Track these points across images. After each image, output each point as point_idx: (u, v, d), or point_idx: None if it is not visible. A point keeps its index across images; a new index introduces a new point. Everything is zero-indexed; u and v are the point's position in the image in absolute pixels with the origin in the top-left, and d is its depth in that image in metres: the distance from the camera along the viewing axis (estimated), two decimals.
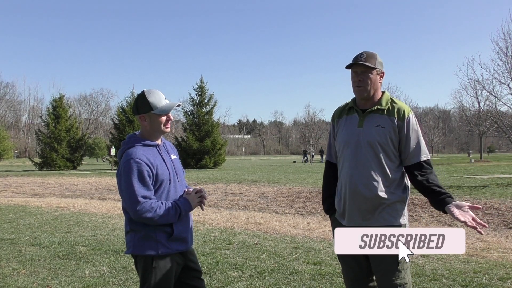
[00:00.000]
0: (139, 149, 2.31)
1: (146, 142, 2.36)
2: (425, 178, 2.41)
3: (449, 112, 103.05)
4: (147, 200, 2.23)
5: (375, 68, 2.45)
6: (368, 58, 2.45)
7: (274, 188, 15.13)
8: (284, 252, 5.52)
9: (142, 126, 2.42)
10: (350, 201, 2.47)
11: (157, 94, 2.38)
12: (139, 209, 2.20)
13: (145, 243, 2.30)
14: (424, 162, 2.44)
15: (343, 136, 2.56)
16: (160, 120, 2.37)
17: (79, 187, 17.10)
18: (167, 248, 2.32)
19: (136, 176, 2.22)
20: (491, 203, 10.39)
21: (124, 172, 2.24)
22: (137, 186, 2.21)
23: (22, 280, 4.38)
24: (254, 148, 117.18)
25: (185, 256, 2.46)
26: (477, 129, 42.51)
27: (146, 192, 2.24)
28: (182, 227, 2.39)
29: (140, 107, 2.36)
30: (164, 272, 2.31)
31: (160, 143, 2.46)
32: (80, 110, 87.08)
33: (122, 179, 2.26)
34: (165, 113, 2.36)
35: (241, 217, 8.64)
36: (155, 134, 2.41)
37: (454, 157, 63.19)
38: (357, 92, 2.50)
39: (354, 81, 2.49)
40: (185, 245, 2.42)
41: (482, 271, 4.52)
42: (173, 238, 2.33)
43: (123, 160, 2.29)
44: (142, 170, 2.23)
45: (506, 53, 17.43)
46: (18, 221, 8.25)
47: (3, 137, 51.89)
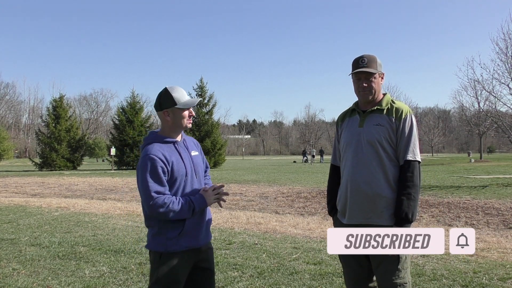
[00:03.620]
0: (156, 145, 2.37)
1: (165, 139, 2.41)
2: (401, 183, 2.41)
3: (449, 112, 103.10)
4: (160, 195, 2.27)
5: (377, 72, 2.51)
6: (369, 62, 2.50)
7: (274, 188, 15.13)
8: (284, 252, 5.52)
9: (164, 122, 2.45)
10: (352, 199, 2.49)
11: (180, 90, 2.44)
12: (152, 204, 2.25)
13: (156, 239, 2.35)
14: (410, 162, 2.42)
15: (345, 136, 2.61)
16: (183, 115, 2.42)
17: (79, 187, 17.10)
18: (176, 245, 2.34)
19: (150, 172, 2.27)
20: (491, 203, 10.39)
21: (140, 168, 2.31)
22: (151, 182, 2.26)
23: (22, 280, 4.38)
24: (254, 148, 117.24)
25: (197, 254, 2.45)
26: (477, 129, 42.49)
27: (159, 187, 2.28)
28: (194, 224, 2.40)
29: (163, 102, 2.40)
30: (170, 268, 2.33)
31: (180, 139, 2.49)
32: (80, 110, 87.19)
33: (138, 175, 2.33)
34: (187, 107, 2.41)
35: (241, 217, 8.63)
36: (177, 130, 2.45)
37: (454, 157, 63.18)
38: (361, 96, 2.56)
39: (357, 86, 2.54)
40: (196, 242, 2.41)
41: (482, 271, 4.52)
42: (183, 233, 2.35)
43: (141, 157, 2.36)
44: (157, 166, 2.28)
45: (506, 53, 17.45)
46: (18, 221, 8.25)
47: (3, 137, 51.84)
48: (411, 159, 2.43)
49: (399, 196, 2.39)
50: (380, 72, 2.55)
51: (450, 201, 10.96)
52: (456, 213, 9.28)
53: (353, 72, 2.53)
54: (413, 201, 2.37)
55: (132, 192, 15.04)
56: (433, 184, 15.79)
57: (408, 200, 2.36)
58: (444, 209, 9.79)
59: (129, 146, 34.83)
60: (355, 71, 2.51)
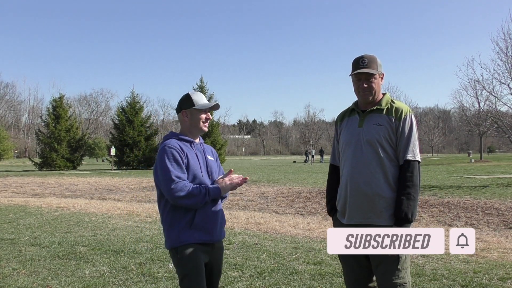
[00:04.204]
0: (174, 139, 2.51)
1: (183, 137, 2.54)
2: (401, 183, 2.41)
3: (449, 112, 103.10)
4: (181, 180, 2.34)
5: (377, 73, 2.51)
6: (369, 63, 2.50)
7: (274, 188, 15.13)
8: (284, 252, 5.52)
9: (182, 123, 2.59)
10: (351, 199, 2.49)
11: (200, 94, 2.61)
12: (173, 188, 2.31)
13: (170, 233, 2.43)
14: (409, 162, 2.42)
15: (345, 136, 2.61)
16: (200, 117, 2.54)
17: (79, 187, 17.10)
18: (190, 237, 2.40)
19: (170, 159, 2.37)
20: (491, 203, 10.39)
21: (159, 158, 2.41)
22: (171, 167, 2.36)
23: (22, 280, 4.38)
24: (254, 148, 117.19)
25: (211, 251, 2.49)
26: (477, 129, 42.46)
27: (180, 173, 2.36)
28: (204, 217, 2.44)
29: (183, 104, 2.56)
30: (190, 258, 2.39)
31: (198, 142, 2.60)
32: (80, 110, 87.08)
33: (157, 165, 2.40)
34: (204, 109, 2.54)
35: (241, 217, 8.64)
36: (193, 131, 2.57)
37: (454, 157, 63.19)
38: (361, 97, 2.56)
39: (357, 86, 2.54)
40: (209, 236, 2.46)
41: (482, 271, 4.52)
42: (194, 226, 2.40)
43: (159, 149, 2.47)
44: (175, 153, 2.40)
45: (506, 53, 17.43)
46: (18, 221, 8.25)
47: (3, 137, 51.83)
48: (411, 159, 2.43)
49: (398, 196, 2.39)
50: (380, 72, 2.55)
51: (450, 201, 10.96)
52: (456, 213, 9.28)
53: (353, 73, 2.53)
54: (412, 201, 2.37)
55: (132, 192, 15.04)
56: (433, 184, 15.79)
57: (408, 200, 2.36)
58: (444, 209, 9.79)
59: (129, 146, 34.83)
60: (356, 72, 2.51)
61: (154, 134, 37.89)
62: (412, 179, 2.40)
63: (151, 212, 9.47)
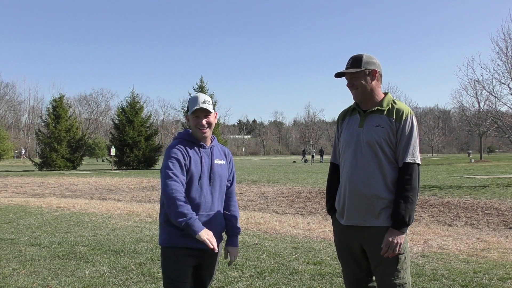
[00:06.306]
0: (179, 141, 2.54)
1: (190, 139, 2.56)
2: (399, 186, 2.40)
3: (449, 112, 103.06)
4: (177, 182, 2.35)
5: (361, 70, 2.48)
6: (353, 62, 2.51)
7: (274, 188, 15.13)
8: (284, 252, 5.52)
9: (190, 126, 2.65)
10: (350, 200, 2.48)
11: (195, 97, 2.55)
12: (169, 183, 2.32)
13: (161, 233, 2.51)
14: (408, 165, 2.40)
15: (345, 136, 2.60)
16: (193, 122, 2.54)
17: (79, 187, 17.10)
18: (177, 241, 2.41)
19: (171, 158, 2.42)
20: (491, 203, 10.40)
21: (164, 157, 2.50)
22: (171, 165, 2.40)
23: (22, 280, 4.38)
24: (254, 148, 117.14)
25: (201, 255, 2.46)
26: (477, 129, 42.49)
27: (178, 172, 2.39)
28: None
29: (188, 108, 2.60)
30: (173, 263, 2.42)
31: (207, 145, 2.59)
32: (80, 110, 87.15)
33: (162, 164, 2.48)
34: (191, 113, 2.52)
35: (241, 217, 8.64)
36: (196, 135, 2.56)
37: (454, 157, 63.19)
38: (353, 96, 2.58)
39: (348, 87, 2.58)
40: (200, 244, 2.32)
41: (482, 271, 4.52)
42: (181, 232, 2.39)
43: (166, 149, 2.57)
44: (177, 154, 2.44)
45: (506, 53, 17.43)
46: (18, 221, 8.25)
47: (3, 137, 51.74)
48: (410, 161, 2.40)
49: (396, 199, 2.38)
50: (368, 69, 2.48)
51: (450, 201, 10.96)
52: (456, 213, 9.28)
53: (337, 75, 2.59)
54: (410, 204, 2.36)
55: (132, 192, 15.04)
56: (433, 184, 15.79)
57: (406, 203, 2.35)
58: (444, 209, 9.79)
59: (129, 146, 34.81)
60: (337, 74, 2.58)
61: (154, 134, 37.88)
62: (411, 182, 2.38)
63: (151, 212, 9.47)
